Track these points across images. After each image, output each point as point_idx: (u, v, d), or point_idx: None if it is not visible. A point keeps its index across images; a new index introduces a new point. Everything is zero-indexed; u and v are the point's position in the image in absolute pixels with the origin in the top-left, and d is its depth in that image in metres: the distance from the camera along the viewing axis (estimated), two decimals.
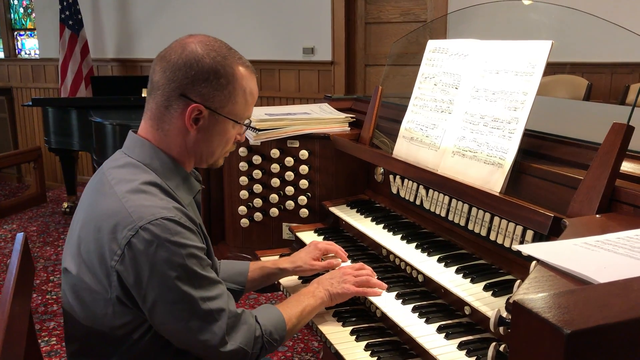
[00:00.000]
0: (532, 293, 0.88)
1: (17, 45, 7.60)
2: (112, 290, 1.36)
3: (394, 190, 2.10)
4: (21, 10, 7.54)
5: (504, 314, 0.99)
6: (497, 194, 1.52)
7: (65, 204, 5.97)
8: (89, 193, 1.50)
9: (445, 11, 5.24)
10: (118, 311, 1.38)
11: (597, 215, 1.25)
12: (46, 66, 7.16)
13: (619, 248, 0.99)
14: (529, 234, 1.49)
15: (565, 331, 0.64)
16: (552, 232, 1.28)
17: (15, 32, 7.58)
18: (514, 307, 0.71)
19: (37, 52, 7.39)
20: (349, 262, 1.90)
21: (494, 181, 1.59)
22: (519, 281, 1.06)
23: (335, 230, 2.24)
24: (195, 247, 1.37)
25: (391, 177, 2.11)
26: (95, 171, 1.56)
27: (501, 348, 0.99)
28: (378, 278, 1.75)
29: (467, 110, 1.75)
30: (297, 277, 2.02)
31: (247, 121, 1.56)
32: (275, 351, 1.55)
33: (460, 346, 1.42)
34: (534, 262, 1.11)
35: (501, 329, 0.99)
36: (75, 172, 5.93)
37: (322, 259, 1.90)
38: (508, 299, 0.85)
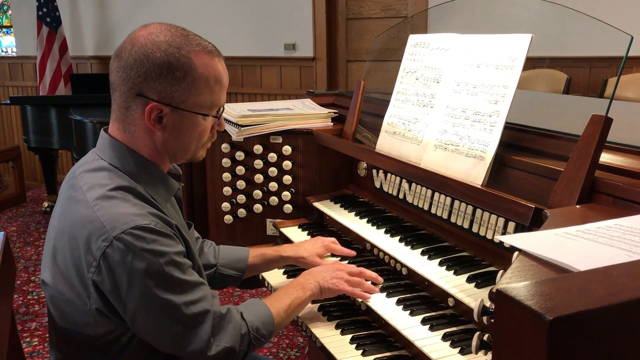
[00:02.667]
0: (514, 282, 0.89)
1: None
2: (91, 301, 1.33)
3: (377, 185, 2.11)
4: None
5: (488, 303, 1.00)
6: (480, 187, 1.53)
7: (45, 204, 5.90)
8: (62, 199, 1.44)
9: (425, 6, 5.26)
10: (99, 321, 1.35)
11: (577, 206, 1.27)
12: (24, 64, 7.06)
13: (598, 237, 1.01)
14: (511, 225, 1.51)
15: (547, 318, 0.65)
16: (534, 223, 1.30)
17: None
18: (497, 296, 0.72)
19: (14, 49, 7.28)
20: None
21: (475, 174, 1.60)
22: (501, 271, 1.07)
23: (320, 226, 2.24)
24: (173, 253, 1.32)
25: (374, 171, 2.12)
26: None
27: (485, 337, 1.01)
28: None
29: (449, 104, 1.76)
30: (285, 276, 2.02)
31: (219, 110, 1.46)
32: (261, 347, 1.52)
33: (445, 337, 1.43)
34: (516, 253, 1.13)
35: (484, 318, 1.00)
36: (56, 171, 5.86)
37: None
38: (491, 289, 0.86)
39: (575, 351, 0.66)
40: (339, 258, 1.90)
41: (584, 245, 0.98)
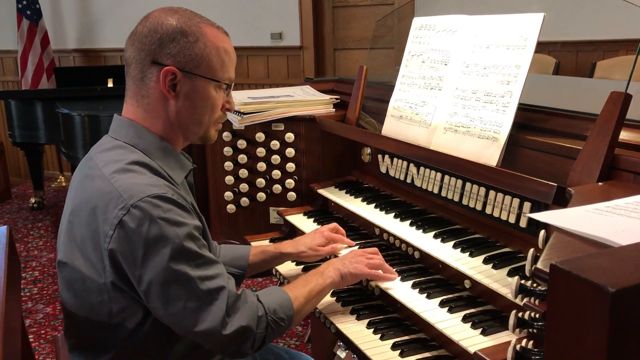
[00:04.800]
0: (554, 258, 0.88)
1: None
2: (106, 274, 1.32)
3: (383, 170, 2.10)
4: None
5: (523, 282, 0.99)
6: (498, 167, 1.53)
7: (32, 199, 5.80)
8: (77, 180, 1.45)
9: None
10: (114, 297, 1.34)
11: (599, 184, 1.27)
12: (4, 58, 6.91)
13: (630, 212, 1.01)
14: (527, 205, 1.51)
15: (610, 290, 0.64)
16: (555, 201, 1.30)
17: None
18: (552, 271, 0.72)
19: None
20: (355, 248, 1.87)
21: (489, 155, 1.60)
22: (532, 250, 1.07)
23: (325, 212, 2.23)
24: (190, 225, 1.32)
25: (379, 156, 2.11)
26: (70, 165, 1.51)
27: (524, 315, 1.00)
28: None
29: (458, 86, 1.75)
30: (295, 264, 2.00)
31: (229, 83, 1.50)
32: (283, 333, 1.48)
33: (465, 319, 1.43)
34: (542, 232, 1.13)
35: (519, 297, 1.00)
36: (42, 166, 5.76)
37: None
38: (532, 266, 0.86)
39: (637, 322, 0.66)
40: (356, 247, 1.88)
41: (617, 220, 0.98)
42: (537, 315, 1.10)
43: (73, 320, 1.43)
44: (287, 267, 1.99)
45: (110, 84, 5.32)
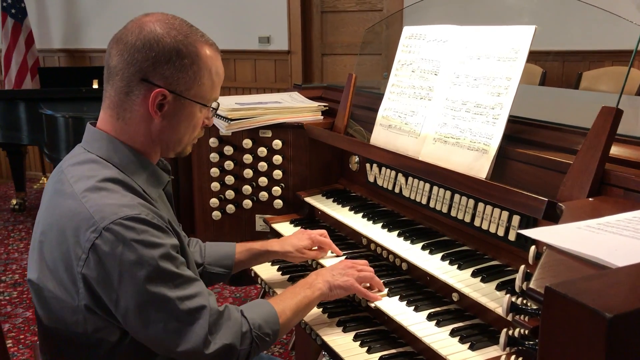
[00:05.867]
0: (548, 278, 0.87)
1: None
2: (79, 297, 1.27)
3: (371, 179, 2.08)
4: None
5: (514, 299, 0.98)
6: (488, 180, 1.51)
7: (14, 201, 5.71)
8: (48, 194, 1.39)
9: (401, 2, 5.24)
10: (89, 318, 1.29)
11: (590, 199, 1.26)
12: None
13: (622, 230, 1.00)
14: (516, 219, 1.50)
15: (607, 315, 0.63)
16: (545, 216, 1.29)
17: None
18: (547, 293, 0.70)
19: None
20: (342, 258, 1.85)
21: (478, 167, 1.59)
22: (522, 266, 1.05)
23: (312, 221, 2.20)
24: (166, 246, 1.28)
25: (367, 165, 2.09)
26: (53, 167, 1.46)
27: (513, 333, 0.99)
28: None
29: (448, 96, 1.74)
30: (276, 268, 1.98)
31: (214, 104, 1.47)
32: (267, 348, 1.45)
33: (453, 333, 1.41)
34: (532, 247, 1.11)
35: (510, 315, 0.98)
36: (24, 167, 5.68)
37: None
38: (526, 285, 0.84)
39: (635, 349, 0.64)
40: (343, 257, 1.86)
41: (610, 239, 0.97)
42: (526, 332, 1.09)
43: (47, 335, 1.39)
44: (270, 273, 1.97)
45: (95, 85, 5.26)
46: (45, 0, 6.42)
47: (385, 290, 1.63)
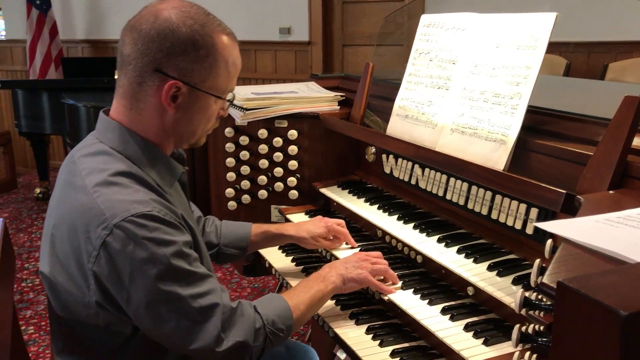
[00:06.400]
0: (562, 272, 0.84)
1: None
2: (90, 293, 1.26)
3: (387, 170, 2.05)
4: None
5: (527, 294, 0.95)
6: (505, 172, 1.47)
7: (37, 190, 5.79)
8: (60, 185, 1.37)
9: None
10: (100, 313, 1.28)
11: (610, 192, 1.22)
12: (13, 48, 6.91)
13: None
14: (534, 211, 1.46)
15: (621, 313, 0.60)
16: (564, 209, 1.25)
17: None
18: (559, 288, 0.67)
19: (4, 33, 7.12)
20: (357, 250, 1.83)
21: (496, 158, 1.55)
22: (538, 260, 1.02)
23: (327, 212, 2.18)
24: (178, 243, 1.25)
25: (384, 156, 2.06)
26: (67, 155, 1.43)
27: (528, 329, 0.95)
28: None
29: (466, 86, 1.70)
30: (290, 259, 1.97)
31: (230, 95, 1.42)
32: (281, 343, 1.43)
33: (467, 327, 1.38)
34: (549, 241, 1.08)
35: (524, 310, 0.95)
36: (48, 156, 5.75)
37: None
38: (538, 280, 0.81)
39: None
40: (358, 249, 1.84)
41: (629, 233, 0.93)
42: (541, 328, 1.05)
43: (59, 325, 1.38)
44: (284, 264, 1.96)
45: (117, 75, 5.29)
46: None
47: (400, 283, 1.60)
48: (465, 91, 1.70)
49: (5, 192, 6.04)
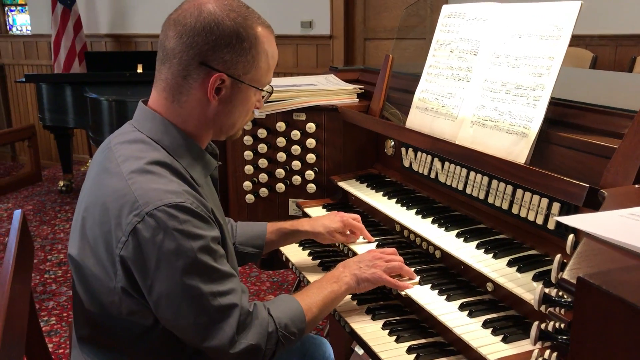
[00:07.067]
0: (583, 268, 0.80)
1: (8, 21, 7.43)
2: (117, 279, 1.27)
3: (406, 164, 2.02)
4: None
5: (547, 290, 0.92)
6: (527, 165, 1.44)
7: (61, 183, 5.87)
8: (94, 169, 1.39)
9: None
10: (124, 300, 1.29)
11: (636, 185, 1.18)
12: (38, 42, 7.01)
13: None
14: (555, 206, 1.42)
15: None
16: (587, 203, 1.21)
17: (6, 8, 7.40)
18: (579, 284, 0.64)
19: (29, 28, 7.22)
20: (373, 245, 1.81)
21: (517, 151, 1.51)
22: (559, 256, 0.98)
23: (345, 206, 2.16)
24: (207, 238, 1.26)
25: (403, 149, 2.03)
26: (100, 145, 1.44)
27: (548, 327, 0.92)
28: None
29: (487, 77, 1.66)
30: (307, 253, 1.95)
31: (268, 88, 1.45)
32: (292, 345, 1.42)
33: (485, 324, 1.35)
34: (570, 236, 1.04)
35: (543, 307, 0.92)
36: (71, 149, 5.82)
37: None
38: (559, 275, 0.78)
39: None
40: (375, 243, 1.81)
41: None
42: (562, 326, 1.02)
43: (83, 312, 1.39)
44: (301, 257, 1.95)
45: (139, 70, 5.33)
46: None
47: (417, 278, 1.58)
48: (487, 83, 1.66)
49: (30, 185, 6.13)
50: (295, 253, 1.97)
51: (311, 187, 2.25)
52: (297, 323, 1.38)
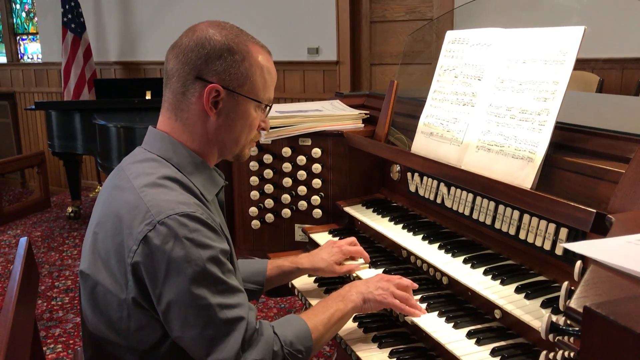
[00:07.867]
0: (590, 296, 0.79)
1: (20, 49, 7.55)
2: (128, 290, 1.28)
3: (412, 189, 2.01)
4: (23, 14, 7.48)
5: (554, 319, 0.90)
6: (532, 190, 1.42)
7: (69, 209, 5.89)
8: (106, 189, 1.42)
9: (451, 8, 5.15)
10: (133, 314, 1.30)
11: None
12: (49, 70, 7.10)
13: None
14: (563, 232, 1.41)
15: None
16: (594, 229, 1.19)
17: (18, 37, 7.53)
18: (586, 314, 0.62)
19: (40, 56, 7.33)
20: (373, 271, 1.79)
21: (523, 176, 1.50)
22: (566, 283, 0.97)
23: (351, 231, 2.15)
24: (216, 249, 1.27)
25: (409, 174, 2.02)
26: (106, 176, 1.47)
27: (557, 356, 0.90)
28: None
29: (492, 102, 1.66)
30: (312, 280, 1.94)
31: (269, 103, 1.48)
32: None
33: (494, 352, 1.33)
34: (578, 262, 1.03)
35: (551, 336, 0.90)
36: (80, 176, 5.85)
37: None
38: (566, 303, 0.76)
39: None
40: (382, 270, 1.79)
41: None
42: (571, 355, 1.00)
43: (91, 332, 1.39)
44: (304, 282, 1.93)
45: (148, 96, 5.38)
46: (103, 16, 6.64)
47: (424, 305, 1.56)
48: (492, 107, 1.66)
49: (39, 211, 6.15)
50: (300, 279, 1.95)
51: (317, 213, 2.24)
52: (303, 341, 1.37)
